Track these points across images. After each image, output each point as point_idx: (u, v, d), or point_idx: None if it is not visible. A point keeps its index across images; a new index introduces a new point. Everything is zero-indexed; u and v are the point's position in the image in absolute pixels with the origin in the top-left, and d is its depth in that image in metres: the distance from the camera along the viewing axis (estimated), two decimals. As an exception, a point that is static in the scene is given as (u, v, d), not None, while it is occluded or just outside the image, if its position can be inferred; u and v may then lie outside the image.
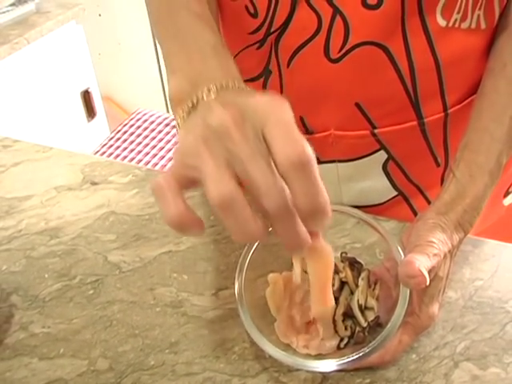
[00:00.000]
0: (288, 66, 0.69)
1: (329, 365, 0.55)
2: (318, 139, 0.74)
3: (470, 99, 0.72)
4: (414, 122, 0.72)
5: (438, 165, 0.78)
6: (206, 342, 0.64)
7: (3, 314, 0.70)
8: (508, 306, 0.65)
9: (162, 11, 0.66)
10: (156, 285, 0.71)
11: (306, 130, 0.74)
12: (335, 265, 0.63)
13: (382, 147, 0.74)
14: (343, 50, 0.65)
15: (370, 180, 0.79)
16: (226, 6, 0.71)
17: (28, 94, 2.15)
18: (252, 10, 0.67)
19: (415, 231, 0.60)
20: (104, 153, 2.14)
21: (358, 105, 0.70)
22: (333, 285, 0.62)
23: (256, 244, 0.62)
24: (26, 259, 0.78)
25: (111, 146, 2.16)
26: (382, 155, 0.75)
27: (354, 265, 0.64)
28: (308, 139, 0.73)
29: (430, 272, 0.55)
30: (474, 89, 0.71)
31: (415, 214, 0.82)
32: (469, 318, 0.64)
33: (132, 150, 2.15)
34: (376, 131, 0.72)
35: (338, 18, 0.63)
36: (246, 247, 0.63)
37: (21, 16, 2.10)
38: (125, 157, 2.11)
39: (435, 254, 0.56)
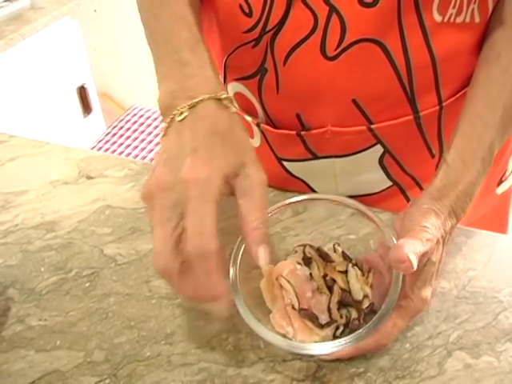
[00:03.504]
0: (284, 64, 0.69)
1: (324, 347, 0.55)
2: (315, 135, 0.75)
3: (463, 91, 0.73)
4: (410, 117, 0.72)
5: (432, 156, 0.79)
6: (201, 333, 0.64)
7: (0, 308, 0.70)
8: (501, 295, 0.66)
9: (146, 11, 0.68)
10: (151, 277, 0.71)
11: (303, 126, 0.75)
12: (328, 254, 0.64)
13: (379, 142, 0.74)
14: (340, 48, 0.65)
15: (366, 173, 0.80)
16: (221, 4, 0.71)
17: (23, 90, 2.14)
18: (246, 10, 0.68)
19: (408, 216, 0.60)
20: (100, 148, 2.14)
21: (354, 101, 0.70)
22: (326, 275, 0.62)
23: None
24: (22, 253, 0.78)
25: (107, 141, 2.16)
26: (378, 149, 0.76)
27: (347, 255, 0.65)
28: (305, 135, 0.74)
29: (422, 257, 0.56)
30: (468, 81, 0.71)
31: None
32: (462, 308, 0.65)
33: (128, 146, 2.15)
34: (373, 126, 0.72)
35: (334, 16, 0.63)
36: (239, 238, 0.63)
37: (15, 12, 2.10)
38: (121, 152, 2.11)
39: (428, 239, 0.56)
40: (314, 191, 0.84)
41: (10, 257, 0.77)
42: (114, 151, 2.11)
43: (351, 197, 0.81)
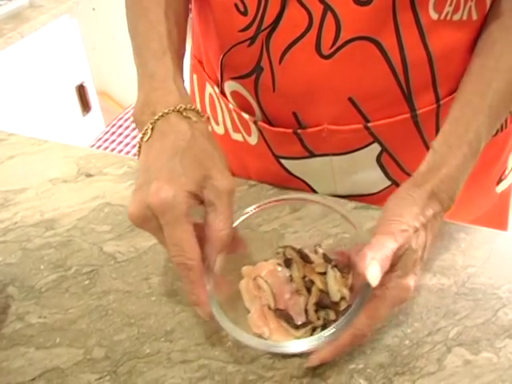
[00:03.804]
0: (280, 62, 0.69)
1: (298, 345, 0.55)
2: (312, 134, 0.75)
3: None
4: (407, 115, 0.72)
5: None
6: (200, 330, 0.64)
7: (0, 305, 0.70)
8: (500, 292, 0.66)
9: (128, 22, 0.73)
10: (151, 274, 0.72)
11: (300, 124, 0.75)
12: (308, 256, 0.64)
13: (376, 140, 0.74)
14: (335, 46, 0.65)
15: (364, 172, 0.80)
16: (216, 3, 0.71)
17: (22, 89, 2.14)
18: (242, 8, 0.68)
19: (385, 207, 0.60)
20: (99, 146, 2.14)
21: (351, 99, 0.70)
22: (305, 276, 0.62)
23: None
24: (21, 251, 0.78)
25: (106, 139, 2.17)
26: (375, 148, 0.76)
27: (328, 256, 0.65)
28: (302, 134, 0.74)
29: (398, 250, 0.56)
30: None
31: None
32: (461, 304, 0.65)
33: (127, 144, 2.15)
34: (369, 125, 0.72)
35: (329, 14, 0.63)
36: None
37: (14, 10, 2.10)
38: (120, 150, 2.11)
39: (403, 230, 0.56)
40: (313, 190, 0.84)
41: (10, 255, 0.77)
42: (113, 149, 2.12)
43: (350, 196, 0.81)
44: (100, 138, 2.19)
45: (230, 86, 0.78)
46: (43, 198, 0.87)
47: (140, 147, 0.61)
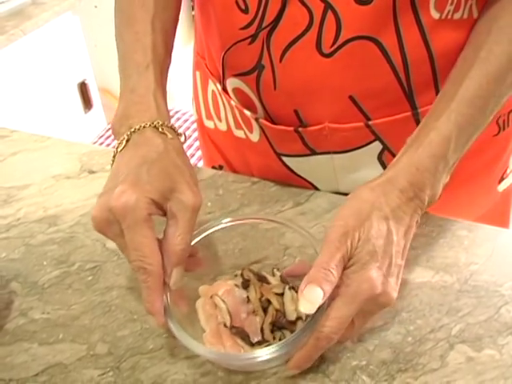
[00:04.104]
0: (280, 60, 0.69)
1: (257, 354, 0.54)
2: (313, 132, 0.75)
3: None
4: (409, 113, 0.72)
5: None
6: (204, 327, 0.64)
7: (3, 301, 0.70)
8: (503, 289, 0.66)
9: (115, 29, 0.73)
10: (154, 271, 0.72)
11: (301, 122, 0.75)
12: (265, 277, 0.64)
13: (377, 138, 0.74)
14: (335, 45, 0.65)
15: (366, 170, 0.79)
16: (217, 0, 0.71)
17: (24, 86, 2.15)
18: (242, 6, 0.68)
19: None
20: (101, 144, 2.14)
21: (351, 98, 0.70)
22: (261, 296, 0.62)
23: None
24: (24, 247, 0.78)
25: (108, 137, 2.17)
26: (377, 146, 0.76)
27: (285, 278, 0.65)
28: (302, 132, 0.74)
29: (346, 248, 0.54)
30: None
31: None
32: (464, 302, 0.65)
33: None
34: (370, 123, 0.72)
35: (330, 13, 0.63)
36: None
37: (17, 7, 2.10)
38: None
39: (344, 233, 0.55)
40: (315, 187, 0.84)
41: (13, 250, 0.78)
42: (114, 147, 2.11)
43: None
44: (102, 135, 2.19)
45: (232, 82, 0.79)
46: (46, 195, 0.87)
47: (114, 157, 0.63)
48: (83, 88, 2.45)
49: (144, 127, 0.62)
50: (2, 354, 0.64)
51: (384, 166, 0.78)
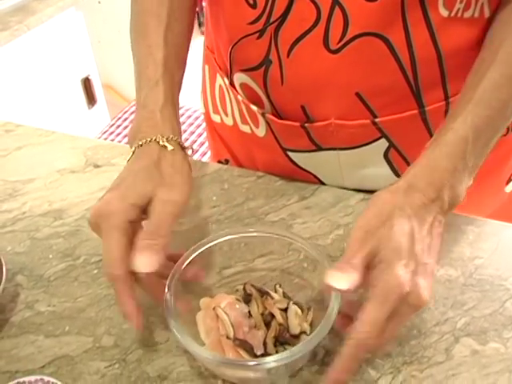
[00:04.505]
0: (288, 56, 0.69)
1: (268, 360, 0.53)
2: (319, 128, 0.75)
3: None
4: (415, 111, 0.72)
5: None
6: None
7: (9, 294, 0.70)
8: (507, 283, 0.66)
9: (131, 32, 0.76)
10: (160, 264, 0.72)
11: (307, 118, 0.75)
12: (268, 293, 0.63)
13: (383, 136, 0.74)
14: (342, 41, 0.65)
15: (372, 167, 0.80)
16: None
17: (28, 81, 2.15)
18: (251, 1, 0.68)
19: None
20: (105, 139, 2.14)
21: (358, 94, 0.70)
22: (265, 310, 0.61)
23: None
24: (30, 240, 0.78)
25: (112, 132, 2.17)
26: (383, 143, 0.75)
27: (287, 295, 0.64)
28: (309, 127, 0.74)
29: (370, 249, 0.54)
30: None
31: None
32: (469, 295, 0.65)
33: (133, 137, 2.15)
34: (377, 120, 0.72)
35: (337, 9, 0.63)
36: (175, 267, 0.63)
37: (20, 2, 2.10)
38: (125, 143, 2.11)
39: (366, 231, 0.55)
40: (321, 182, 0.84)
41: (19, 244, 0.78)
42: (118, 142, 2.12)
43: (358, 190, 0.81)
44: (105, 131, 2.19)
45: (239, 78, 0.79)
46: (51, 189, 0.88)
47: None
48: (87, 84, 2.45)
49: (149, 142, 0.64)
50: (9, 347, 0.64)
51: (390, 164, 0.78)
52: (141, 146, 0.65)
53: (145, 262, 0.57)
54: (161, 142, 0.64)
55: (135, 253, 0.57)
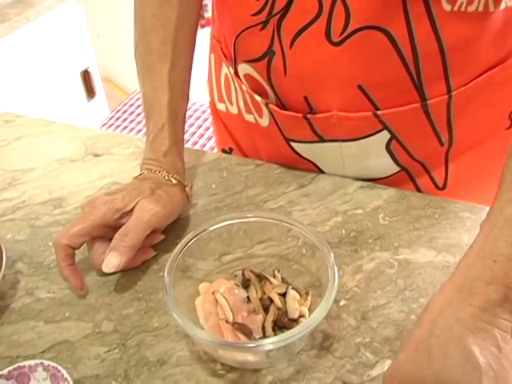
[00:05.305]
0: (291, 47, 0.69)
1: (266, 341, 0.53)
2: (321, 119, 0.75)
3: (474, 81, 0.71)
4: (417, 104, 0.72)
5: (441, 144, 0.78)
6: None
7: (9, 281, 0.71)
8: (505, 269, 0.66)
9: (137, 67, 0.81)
10: (159, 251, 0.72)
11: (310, 109, 0.75)
12: (266, 278, 0.64)
13: (385, 128, 0.74)
14: (344, 34, 0.65)
15: (373, 158, 0.80)
16: None
17: (27, 73, 2.15)
18: None
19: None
20: (104, 132, 2.14)
21: (360, 87, 0.70)
22: (263, 295, 0.61)
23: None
24: (30, 228, 0.79)
25: (111, 125, 2.17)
26: (385, 135, 0.76)
27: (286, 280, 0.64)
28: (311, 118, 0.75)
29: None
30: (479, 70, 0.71)
31: (419, 191, 0.83)
32: (467, 281, 0.65)
33: (132, 129, 2.15)
34: (379, 112, 0.72)
35: (339, 2, 0.63)
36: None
37: (19, -6, 2.10)
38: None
39: None
40: (322, 172, 0.84)
41: (18, 232, 0.78)
42: (117, 135, 2.12)
43: (359, 180, 0.82)
44: (105, 123, 2.19)
45: (243, 68, 0.79)
46: (51, 178, 0.88)
47: None
48: (86, 76, 2.45)
49: (154, 171, 0.75)
50: (9, 332, 0.65)
51: (392, 155, 0.79)
52: (149, 170, 0.75)
53: (107, 262, 0.65)
54: (166, 177, 0.74)
55: (109, 250, 0.66)
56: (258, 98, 0.79)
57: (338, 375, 0.57)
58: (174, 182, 0.74)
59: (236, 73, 0.82)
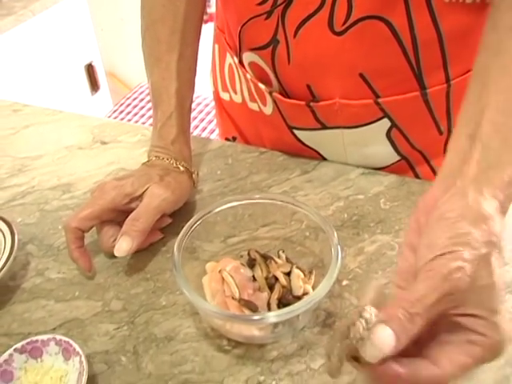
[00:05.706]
0: (294, 36, 0.71)
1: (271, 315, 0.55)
2: (324, 107, 0.77)
3: None
4: (417, 93, 0.73)
5: (440, 133, 0.80)
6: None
7: (20, 262, 0.73)
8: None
9: (144, 58, 0.83)
10: (167, 233, 0.74)
11: (313, 97, 0.77)
12: (272, 258, 0.65)
13: (386, 115, 0.76)
14: (346, 24, 0.67)
15: (374, 146, 0.82)
16: None
17: (32, 66, 2.16)
18: None
19: (430, 228, 0.46)
20: (108, 125, 2.15)
21: (361, 75, 0.72)
22: (268, 274, 0.63)
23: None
24: (39, 212, 0.80)
25: (115, 118, 2.19)
26: (385, 123, 0.78)
27: (290, 260, 0.66)
28: (314, 106, 0.76)
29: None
30: None
31: (419, 180, 0.84)
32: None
33: (136, 123, 2.17)
34: (379, 100, 0.74)
35: None
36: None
37: (25, -12, 2.11)
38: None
39: (458, 268, 0.41)
40: (324, 159, 0.86)
41: (28, 215, 0.80)
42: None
43: (359, 167, 0.83)
44: (109, 117, 2.21)
45: (248, 56, 0.81)
46: (59, 164, 0.90)
47: None
48: (90, 70, 2.46)
49: (162, 158, 0.77)
50: (21, 311, 0.67)
51: (392, 143, 0.81)
52: (157, 157, 0.77)
53: (119, 246, 0.67)
54: (174, 165, 0.76)
55: (122, 234, 0.68)
56: (262, 86, 0.81)
57: (340, 351, 0.59)
58: (182, 169, 0.76)
59: (241, 62, 0.84)
